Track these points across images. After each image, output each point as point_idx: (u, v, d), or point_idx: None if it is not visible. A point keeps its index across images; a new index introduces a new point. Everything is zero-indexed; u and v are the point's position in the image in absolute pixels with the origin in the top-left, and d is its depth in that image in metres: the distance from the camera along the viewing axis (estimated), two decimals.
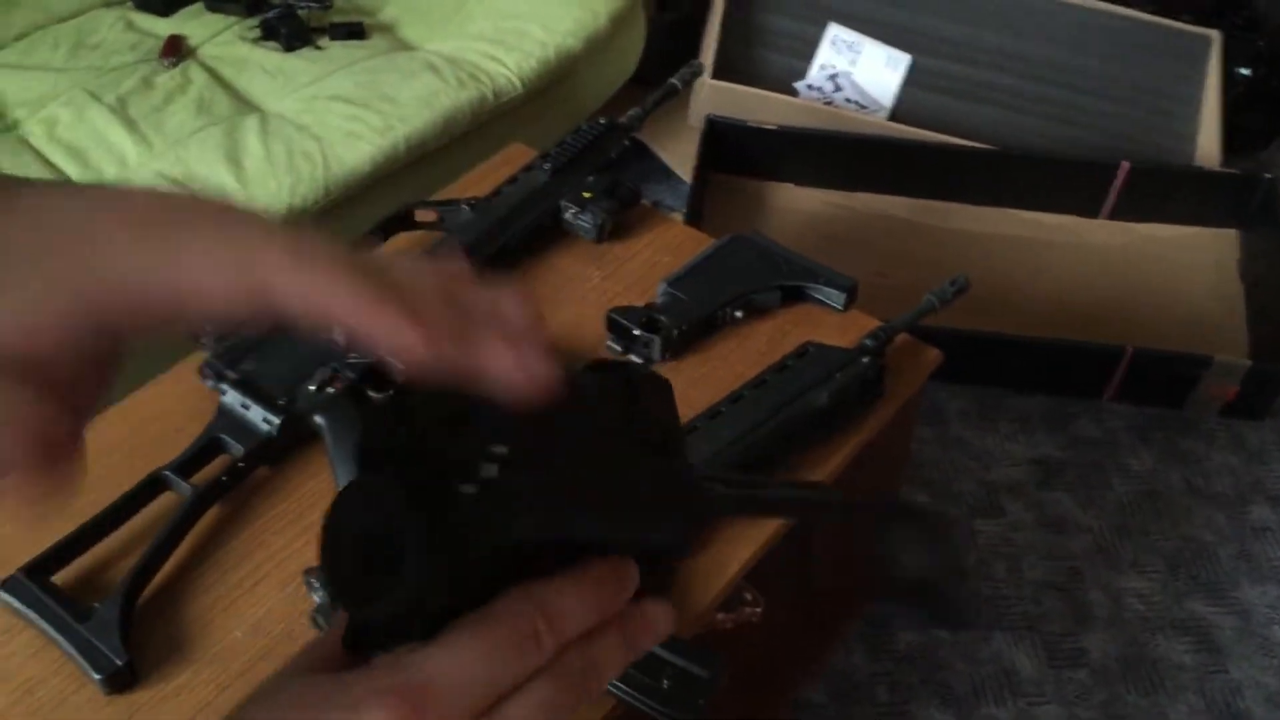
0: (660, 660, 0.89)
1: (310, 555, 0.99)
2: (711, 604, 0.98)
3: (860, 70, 2.16)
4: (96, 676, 0.89)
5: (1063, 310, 1.97)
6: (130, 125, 1.70)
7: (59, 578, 0.96)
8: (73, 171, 1.66)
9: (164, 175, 1.62)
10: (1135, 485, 1.77)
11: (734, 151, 2.10)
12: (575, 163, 1.34)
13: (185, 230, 0.34)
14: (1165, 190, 2.10)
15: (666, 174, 2.29)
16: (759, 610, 1.44)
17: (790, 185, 2.15)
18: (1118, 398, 1.88)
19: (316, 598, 0.93)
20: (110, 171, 1.65)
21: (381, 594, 0.35)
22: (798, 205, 2.14)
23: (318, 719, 0.35)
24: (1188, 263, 2.07)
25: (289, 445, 1.03)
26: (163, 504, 1.01)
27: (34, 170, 1.65)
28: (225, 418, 1.03)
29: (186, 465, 1.02)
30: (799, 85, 2.16)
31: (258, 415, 1.02)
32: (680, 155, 2.23)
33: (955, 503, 1.74)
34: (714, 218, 2.07)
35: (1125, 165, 2.04)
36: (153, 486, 1.01)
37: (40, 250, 0.33)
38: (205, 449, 1.02)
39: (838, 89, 2.15)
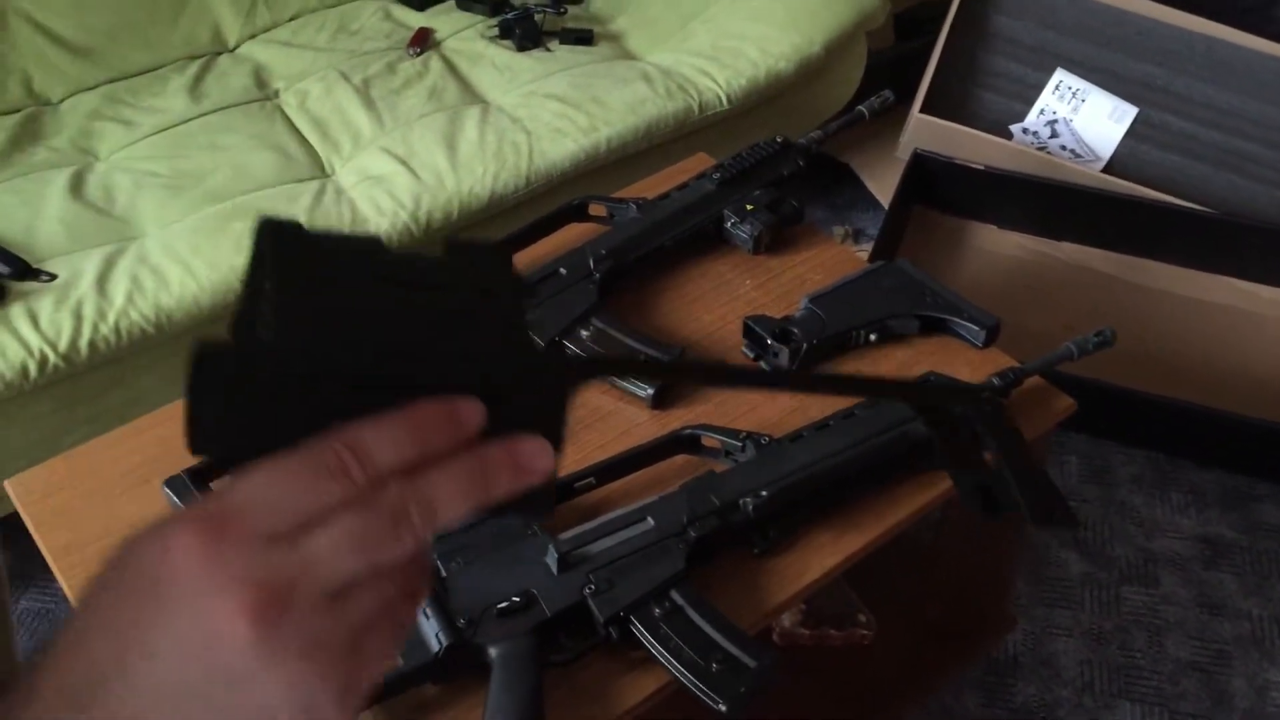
0: (713, 643, 0.94)
1: None
2: (781, 605, 1.02)
3: (1081, 119, 2.11)
4: None
5: (1263, 388, 1.87)
6: (369, 104, 1.88)
7: (216, 484, 1.09)
8: (314, 139, 1.84)
9: (388, 151, 1.77)
10: None
11: (938, 187, 2.10)
12: (745, 176, 1.39)
13: None
14: None
15: (872, 204, 2.31)
16: (870, 634, 1.46)
17: (992, 227, 2.13)
18: None
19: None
20: (345, 143, 1.83)
21: (193, 431, 0.40)
22: (997, 247, 2.12)
23: (144, 547, 0.39)
24: None
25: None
26: None
27: (281, 135, 1.84)
28: None
29: None
30: (1014, 128, 2.14)
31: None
32: (888, 187, 2.24)
33: (1107, 566, 1.69)
34: (910, 250, 2.08)
35: None
36: None
37: None
38: None
39: (1054, 135, 2.12)
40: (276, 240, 0.41)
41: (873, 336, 1.24)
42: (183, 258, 1.60)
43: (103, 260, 1.59)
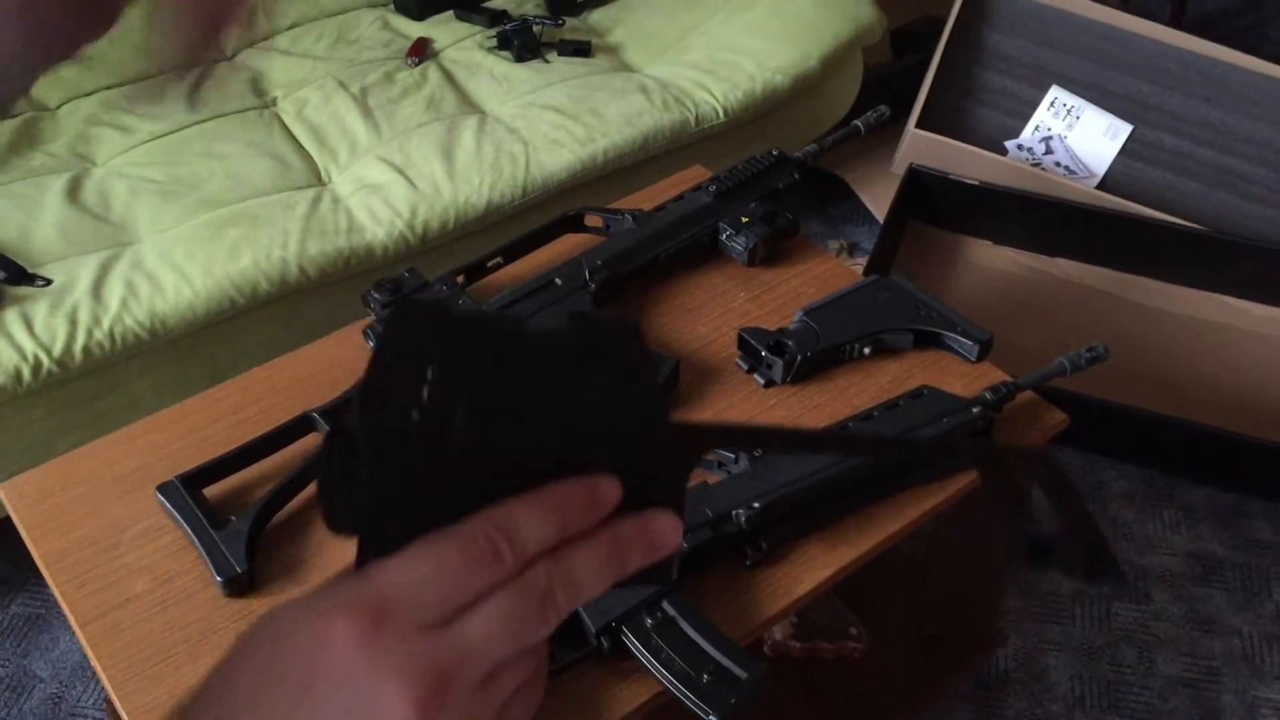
0: (704, 654, 0.94)
1: None
2: (772, 617, 1.02)
3: (1076, 135, 2.12)
4: (219, 579, 1.01)
5: (1255, 405, 1.87)
6: (367, 113, 1.88)
7: (209, 490, 1.09)
8: (311, 148, 1.85)
9: (385, 160, 1.78)
10: None
11: (933, 202, 2.11)
12: (741, 188, 1.40)
13: None
14: None
15: (867, 218, 2.31)
16: (862, 646, 1.46)
17: (987, 242, 2.13)
18: None
19: None
20: (342, 152, 1.83)
21: (344, 512, 0.41)
22: (992, 263, 2.12)
23: (295, 632, 0.39)
24: None
25: None
26: (308, 441, 1.14)
27: (278, 143, 1.84)
28: None
29: (333, 411, 1.13)
30: (1009, 144, 2.15)
31: None
32: (883, 201, 2.25)
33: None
34: (904, 264, 2.08)
35: None
36: (301, 425, 1.13)
37: None
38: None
39: (1049, 152, 2.12)
40: (428, 323, 0.41)
41: (866, 350, 1.25)
42: (178, 264, 1.60)
43: (98, 266, 1.59)
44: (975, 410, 1.13)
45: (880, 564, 1.13)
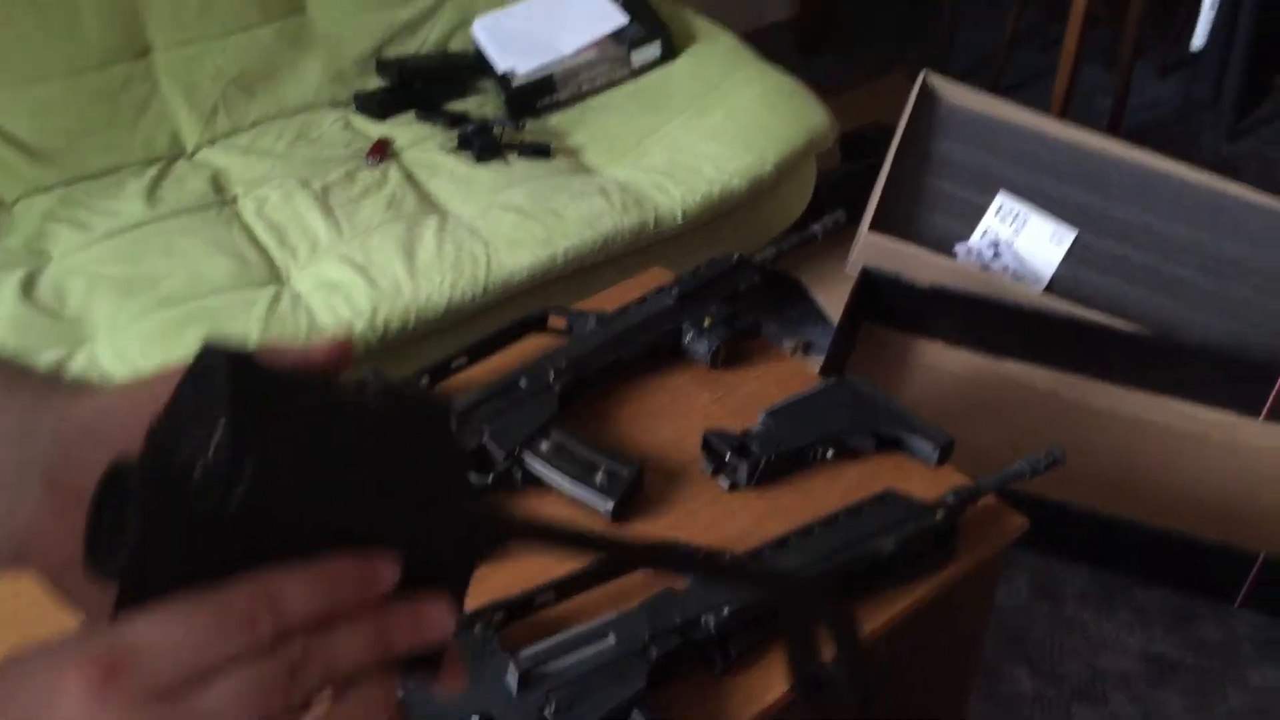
0: None
1: None
2: None
3: (1022, 241, 2.18)
4: None
5: (1203, 507, 1.91)
6: (327, 212, 1.89)
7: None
8: (271, 245, 1.85)
9: (347, 258, 1.78)
10: (1251, 700, 1.69)
11: (886, 304, 2.15)
12: (703, 291, 1.42)
13: None
14: None
15: (821, 318, 2.35)
16: None
17: (939, 344, 2.17)
18: (1248, 605, 1.80)
19: None
20: (303, 250, 1.83)
21: (107, 556, 0.38)
22: (943, 364, 2.16)
23: (26, 680, 0.37)
24: None
25: None
26: None
27: (238, 241, 1.84)
28: None
29: None
30: (959, 248, 2.20)
31: None
32: (838, 301, 2.29)
33: (1057, 683, 1.70)
34: (859, 364, 2.11)
35: None
36: None
37: None
38: None
39: (996, 255, 2.18)
40: (230, 370, 0.39)
41: (829, 453, 1.26)
42: (134, 362, 1.58)
43: (53, 363, 1.57)
44: (939, 514, 1.14)
45: None
